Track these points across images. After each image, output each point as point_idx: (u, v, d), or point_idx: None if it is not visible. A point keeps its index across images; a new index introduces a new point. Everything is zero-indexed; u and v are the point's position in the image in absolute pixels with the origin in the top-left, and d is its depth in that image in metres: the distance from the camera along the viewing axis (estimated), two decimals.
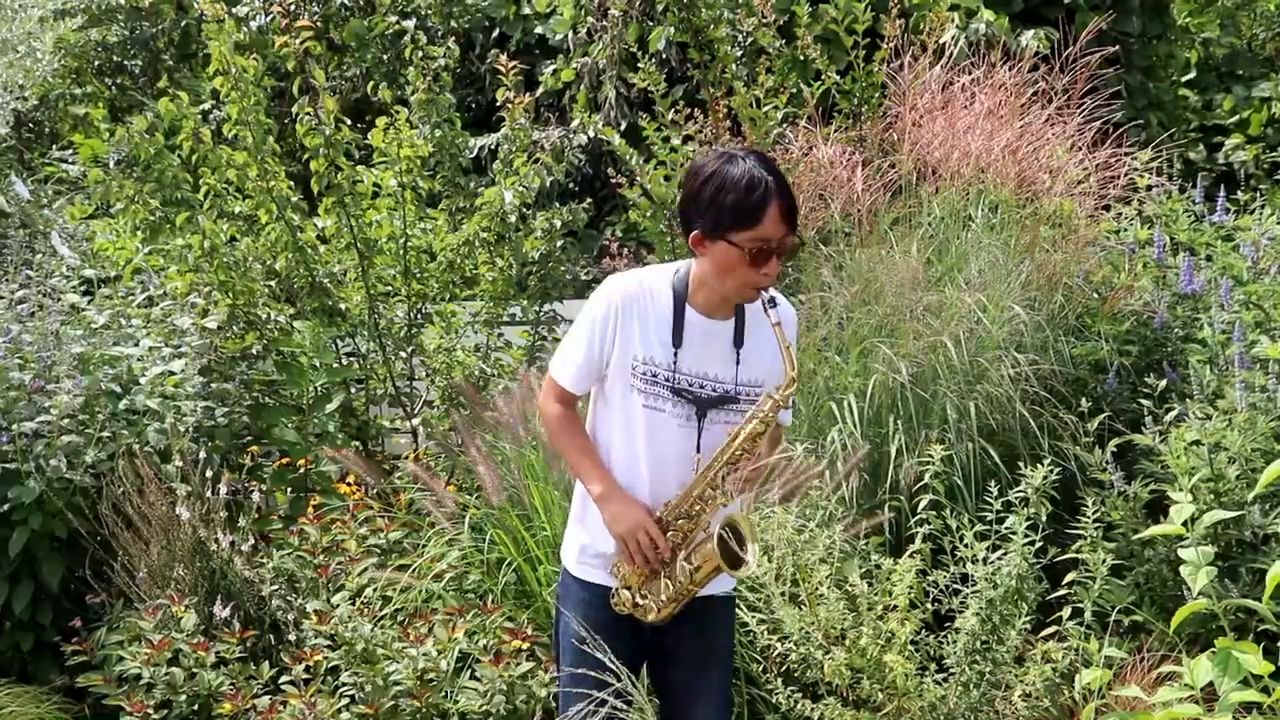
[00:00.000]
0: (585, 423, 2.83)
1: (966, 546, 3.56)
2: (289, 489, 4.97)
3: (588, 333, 2.70)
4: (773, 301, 2.57)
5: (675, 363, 2.65)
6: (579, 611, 2.75)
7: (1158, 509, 4.03)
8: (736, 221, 2.52)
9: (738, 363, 2.68)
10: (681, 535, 2.65)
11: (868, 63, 6.01)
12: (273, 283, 5.41)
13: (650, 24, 7.30)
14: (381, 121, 5.46)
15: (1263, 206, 5.46)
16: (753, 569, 2.62)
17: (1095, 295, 4.91)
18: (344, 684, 3.80)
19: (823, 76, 6.09)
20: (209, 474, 4.40)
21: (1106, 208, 5.24)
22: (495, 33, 9.27)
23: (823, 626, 3.48)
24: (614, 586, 2.73)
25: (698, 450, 2.65)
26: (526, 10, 8.93)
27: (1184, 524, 2.23)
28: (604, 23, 7.58)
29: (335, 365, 5.27)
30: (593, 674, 2.64)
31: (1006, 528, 3.53)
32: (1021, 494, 3.57)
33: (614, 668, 2.61)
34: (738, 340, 2.68)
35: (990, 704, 3.43)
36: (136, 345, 4.97)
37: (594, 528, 2.76)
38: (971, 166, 5.00)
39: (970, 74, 5.37)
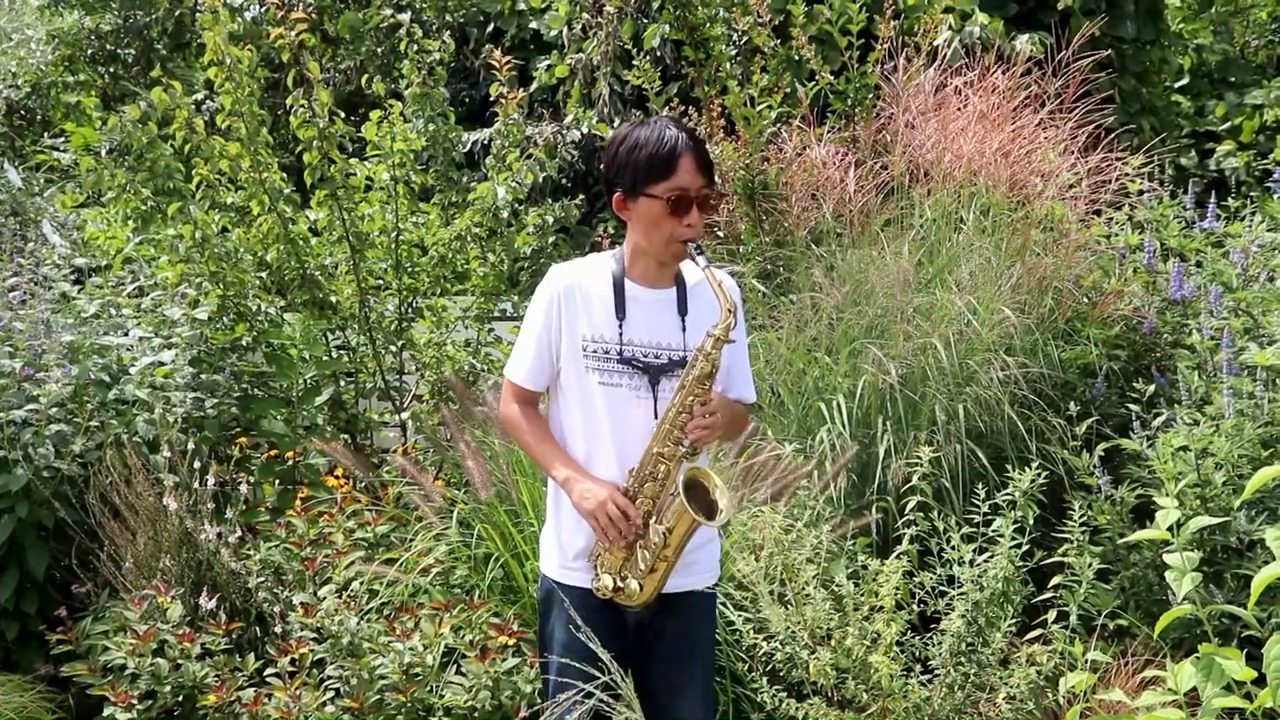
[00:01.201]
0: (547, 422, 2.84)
1: (953, 548, 3.57)
2: (277, 481, 4.96)
3: (535, 327, 2.77)
4: (699, 249, 2.65)
5: (621, 333, 2.70)
6: (563, 616, 2.75)
7: (1144, 514, 4.04)
8: (652, 174, 2.63)
9: (684, 330, 2.73)
10: (651, 501, 2.67)
11: (862, 64, 6.01)
12: (264, 274, 5.39)
13: (645, 21, 7.30)
14: (375, 115, 5.46)
15: (1253, 213, 5.47)
16: (727, 514, 2.63)
17: (1085, 299, 4.92)
18: (329, 677, 3.80)
19: (817, 77, 6.09)
20: (197, 465, 4.39)
21: (1098, 212, 5.25)
22: (490, 27, 9.27)
23: (809, 626, 3.48)
24: (593, 579, 2.73)
25: (656, 417, 2.69)
26: (521, 5, 8.92)
27: (1170, 529, 2.24)
28: (599, 19, 7.57)
29: (325, 358, 5.26)
30: (582, 668, 2.64)
31: (993, 530, 3.54)
32: (1009, 497, 3.58)
33: (604, 662, 2.61)
34: (681, 308, 2.74)
35: (974, 706, 3.44)
36: (126, 335, 4.96)
37: (568, 524, 2.77)
38: (964, 169, 5.01)
39: (964, 77, 5.38)
